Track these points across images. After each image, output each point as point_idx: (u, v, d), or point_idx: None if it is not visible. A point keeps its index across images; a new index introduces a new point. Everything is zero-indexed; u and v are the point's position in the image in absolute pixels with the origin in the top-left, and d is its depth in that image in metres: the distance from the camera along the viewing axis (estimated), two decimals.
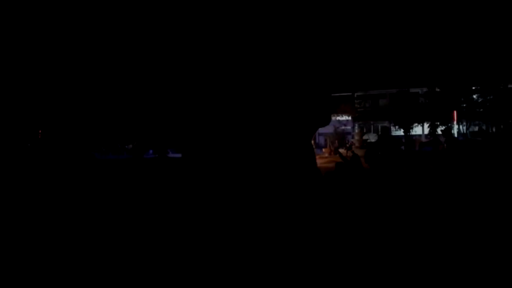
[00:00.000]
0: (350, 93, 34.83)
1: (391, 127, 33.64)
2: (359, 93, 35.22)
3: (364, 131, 34.03)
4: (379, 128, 35.28)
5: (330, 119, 6.66)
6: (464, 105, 30.44)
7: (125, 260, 4.28)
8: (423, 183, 7.90)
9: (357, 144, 25.66)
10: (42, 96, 23.02)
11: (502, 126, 28.14)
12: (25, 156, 18.41)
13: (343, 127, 34.35)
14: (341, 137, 31.52)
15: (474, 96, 30.50)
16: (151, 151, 24.22)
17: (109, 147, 25.33)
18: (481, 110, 29.95)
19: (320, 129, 36.93)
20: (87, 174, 13.41)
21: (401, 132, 31.95)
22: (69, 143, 23.35)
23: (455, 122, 31.03)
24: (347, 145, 27.01)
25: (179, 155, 19.13)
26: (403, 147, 22.96)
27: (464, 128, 31.36)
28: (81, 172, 13.65)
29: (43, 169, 14.95)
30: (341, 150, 22.23)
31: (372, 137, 32.55)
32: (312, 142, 21.19)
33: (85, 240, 5.37)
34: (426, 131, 31.80)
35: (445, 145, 12.78)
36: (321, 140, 35.70)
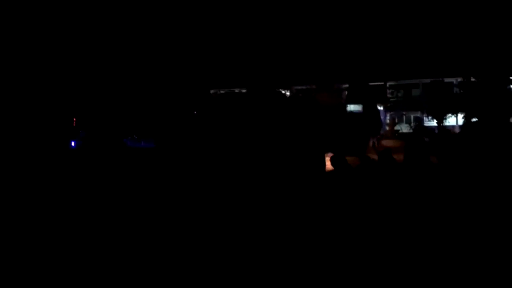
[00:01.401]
0: (382, 83, 34.22)
1: (424, 117, 32.88)
2: (391, 83, 34.55)
3: (396, 121, 33.42)
4: (412, 118, 34.58)
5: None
6: (500, 95, 29.49)
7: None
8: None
9: (388, 135, 25.19)
10: (77, 84, 23.64)
11: None
12: (61, 144, 18.89)
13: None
14: None
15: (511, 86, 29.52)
16: None
17: (141, 135, 25.70)
18: None
19: None
20: (118, 162, 13.67)
21: (434, 123, 31.24)
22: (101, 130, 23.85)
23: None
24: (378, 136, 26.58)
25: None
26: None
27: None
28: (111, 160, 13.91)
29: (75, 156, 15.32)
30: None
31: (404, 128, 31.93)
32: None
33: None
34: (460, 122, 30.98)
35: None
36: None
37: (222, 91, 38.51)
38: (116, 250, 4.73)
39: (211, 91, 36.64)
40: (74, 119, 22.39)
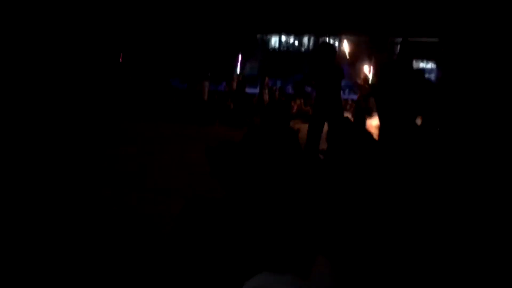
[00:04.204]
0: (436, 39, 32.47)
1: None
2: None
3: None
4: None
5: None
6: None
7: None
8: None
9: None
10: (125, 22, 23.62)
11: None
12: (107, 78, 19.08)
13: (427, 75, 32.36)
14: None
15: None
16: (223, 83, 24.22)
17: (186, 76, 25.64)
18: None
19: None
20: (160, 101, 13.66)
21: None
22: (147, 68, 23.92)
23: None
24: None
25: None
26: None
27: None
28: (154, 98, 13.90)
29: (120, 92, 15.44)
30: None
31: None
32: None
33: None
34: None
35: None
36: None
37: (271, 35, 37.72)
38: None
39: (257, 35, 35.93)
40: (121, 54, 22.47)
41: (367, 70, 13.06)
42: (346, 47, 9.51)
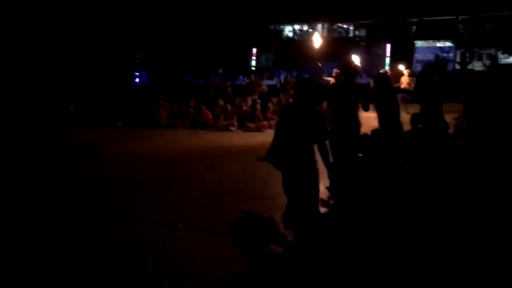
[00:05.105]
0: (453, 17, 31.73)
1: (498, 54, 30.47)
2: (463, 17, 31.95)
3: (467, 59, 31.22)
4: (484, 56, 32.15)
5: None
6: None
7: None
8: None
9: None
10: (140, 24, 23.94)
11: None
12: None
13: (444, 55, 31.70)
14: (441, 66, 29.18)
15: None
16: (241, 77, 24.29)
17: (200, 72, 25.75)
18: None
19: (418, 56, 34.09)
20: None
21: (510, 60, 28.93)
22: (163, 67, 24.15)
23: None
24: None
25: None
26: None
27: None
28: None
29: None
30: None
31: (476, 66, 29.75)
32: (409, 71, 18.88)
33: None
34: None
35: None
36: (418, 68, 33.51)
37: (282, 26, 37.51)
38: None
39: (271, 26, 35.69)
40: (137, 56, 22.70)
41: (356, 60, 12.30)
42: (317, 40, 8.80)
